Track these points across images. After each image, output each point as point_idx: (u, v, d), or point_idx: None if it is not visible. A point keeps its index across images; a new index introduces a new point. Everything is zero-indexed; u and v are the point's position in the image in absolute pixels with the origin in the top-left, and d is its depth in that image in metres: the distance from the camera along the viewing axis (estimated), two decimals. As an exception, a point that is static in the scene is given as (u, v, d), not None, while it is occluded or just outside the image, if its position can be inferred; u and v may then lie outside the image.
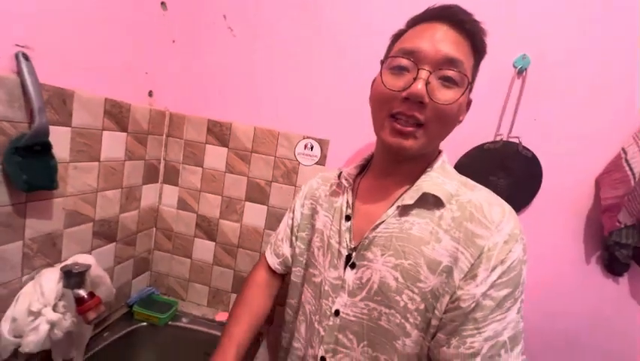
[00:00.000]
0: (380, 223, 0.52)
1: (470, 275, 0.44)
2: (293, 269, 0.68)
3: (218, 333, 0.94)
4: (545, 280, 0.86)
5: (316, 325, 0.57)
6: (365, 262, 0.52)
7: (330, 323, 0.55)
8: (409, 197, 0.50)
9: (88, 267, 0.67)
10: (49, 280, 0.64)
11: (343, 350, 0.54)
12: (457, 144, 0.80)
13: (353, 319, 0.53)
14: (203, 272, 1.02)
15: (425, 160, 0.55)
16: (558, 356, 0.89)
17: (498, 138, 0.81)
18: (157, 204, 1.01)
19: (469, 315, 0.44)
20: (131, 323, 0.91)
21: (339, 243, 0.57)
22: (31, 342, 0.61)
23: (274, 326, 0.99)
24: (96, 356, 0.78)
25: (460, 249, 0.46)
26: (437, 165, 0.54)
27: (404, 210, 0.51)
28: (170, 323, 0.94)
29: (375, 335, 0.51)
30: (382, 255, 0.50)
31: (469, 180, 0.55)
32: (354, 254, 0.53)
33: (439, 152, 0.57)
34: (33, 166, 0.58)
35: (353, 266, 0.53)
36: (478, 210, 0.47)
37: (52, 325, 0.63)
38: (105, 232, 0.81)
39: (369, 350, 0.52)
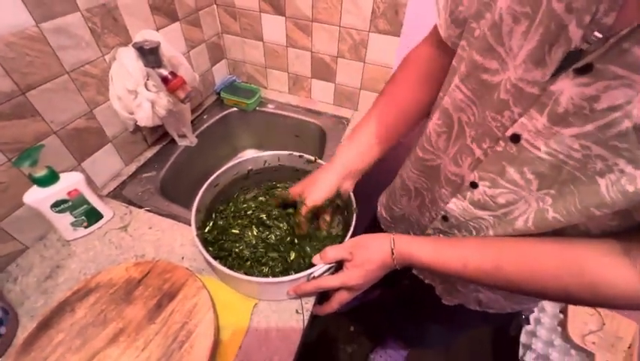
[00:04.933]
0: None
1: None
2: (461, 43, 0.40)
3: (305, 118, 0.96)
4: None
5: (469, 142, 0.39)
6: (621, 71, 0.25)
7: (499, 148, 0.35)
8: None
9: (157, 43, 0.61)
10: (129, 58, 0.61)
11: (510, 186, 0.37)
12: None
13: (545, 157, 0.32)
14: (278, 56, 0.93)
15: None
16: None
17: None
18: (208, -30, 0.81)
19: None
20: (222, 108, 0.95)
21: (571, 10, 0.26)
22: (142, 118, 0.66)
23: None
24: (202, 134, 0.88)
25: None
26: None
27: None
28: (257, 108, 0.97)
29: (575, 189, 0.31)
30: None
31: None
32: (597, 51, 0.25)
33: None
34: None
35: (584, 71, 0.27)
36: None
37: (153, 103, 0.66)
38: (162, 7, 0.70)
39: (549, 200, 0.34)
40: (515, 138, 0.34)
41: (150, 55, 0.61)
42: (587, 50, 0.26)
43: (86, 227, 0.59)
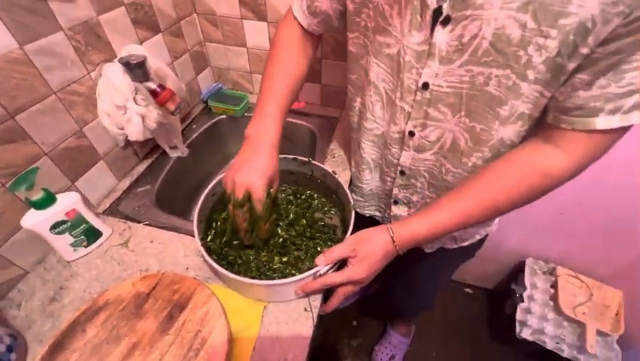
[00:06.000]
0: None
1: None
2: (349, 35, 0.51)
3: (294, 120, 0.96)
4: None
5: (398, 102, 0.48)
6: (468, 12, 0.36)
7: (418, 98, 0.45)
8: None
9: (143, 57, 0.61)
10: (115, 73, 0.61)
11: (434, 123, 0.47)
12: None
13: (447, 90, 0.43)
14: (263, 61, 0.93)
15: None
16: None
17: None
18: (186, -21, 0.81)
19: None
20: (211, 116, 0.95)
21: None
22: (133, 132, 0.66)
23: (347, 109, 0.97)
24: (192, 143, 0.88)
25: None
26: None
27: None
28: (246, 114, 0.97)
29: (477, 103, 0.42)
30: None
31: None
32: (445, 4, 0.37)
33: None
34: None
35: (447, 22, 0.38)
36: None
37: (143, 117, 0.66)
38: (143, 19, 0.70)
39: (465, 120, 0.44)
40: (425, 86, 0.44)
41: (137, 69, 0.61)
42: (443, 6, 0.37)
43: (85, 246, 0.58)
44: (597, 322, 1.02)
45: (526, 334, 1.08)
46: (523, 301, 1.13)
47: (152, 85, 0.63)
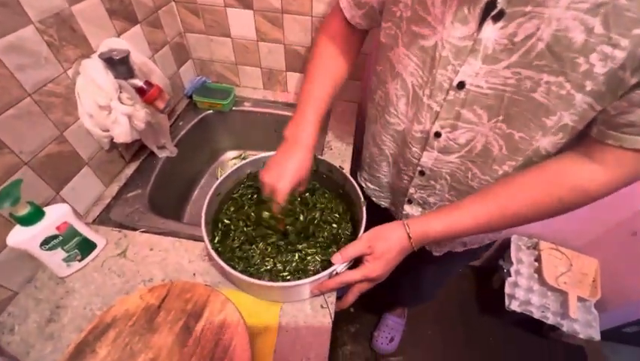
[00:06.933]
0: None
1: None
2: (383, 25, 0.49)
3: (284, 112, 0.94)
4: None
5: (425, 100, 0.45)
6: (528, 8, 0.32)
7: (450, 97, 0.42)
8: None
9: (126, 52, 0.56)
10: (96, 70, 0.56)
11: (466, 125, 0.44)
12: None
13: (488, 92, 0.39)
14: (249, 52, 0.89)
15: None
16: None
17: None
18: (162, -36, 0.75)
19: None
20: (197, 112, 0.91)
21: None
22: (120, 133, 0.61)
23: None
24: (180, 141, 0.83)
25: None
26: None
27: None
28: (234, 108, 0.93)
29: (519, 110, 0.39)
30: None
31: None
32: None
33: None
34: None
35: (499, 17, 0.34)
36: None
37: (130, 117, 0.61)
38: (119, 9, 0.64)
39: (502, 125, 0.41)
40: (461, 85, 0.40)
41: (120, 65, 0.56)
42: (495, 3, 0.34)
43: (79, 260, 0.54)
44: (577, 289, 1.10)
45: (514, 306, 1.15)
46: (510, 275, 1.19)
47: (139, 82, 0.58)
